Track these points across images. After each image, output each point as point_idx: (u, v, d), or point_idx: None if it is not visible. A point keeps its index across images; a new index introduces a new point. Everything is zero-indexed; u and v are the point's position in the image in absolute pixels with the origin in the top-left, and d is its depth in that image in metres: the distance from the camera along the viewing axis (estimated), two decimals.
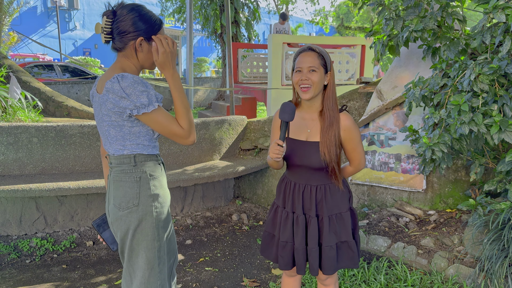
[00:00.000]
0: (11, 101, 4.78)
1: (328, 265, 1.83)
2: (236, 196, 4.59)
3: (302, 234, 1.83)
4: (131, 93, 1.46)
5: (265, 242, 1.99)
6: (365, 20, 19.97)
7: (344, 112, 1.80)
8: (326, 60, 1.73)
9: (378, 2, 3.10)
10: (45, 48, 19.11)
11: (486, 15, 2.29)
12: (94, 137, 3.45)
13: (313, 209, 1.83)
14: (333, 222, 1.83)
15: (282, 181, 1.95)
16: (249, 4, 11.95)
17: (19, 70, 7.51)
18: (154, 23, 1.56)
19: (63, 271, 2.99)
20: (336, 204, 1.84)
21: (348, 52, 7.72)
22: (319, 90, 1.74)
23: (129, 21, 1.51)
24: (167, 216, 1.67)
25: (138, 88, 1.47)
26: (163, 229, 1.64)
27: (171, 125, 1.53)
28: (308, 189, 1.84)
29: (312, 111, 1.81)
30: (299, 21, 32.18)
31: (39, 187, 2.99)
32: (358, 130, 1.82)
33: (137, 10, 1.53)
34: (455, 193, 3.54)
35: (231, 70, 5.71)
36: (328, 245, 1.81)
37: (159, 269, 1.63)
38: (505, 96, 2.33)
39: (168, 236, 1.69)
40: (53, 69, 11.67)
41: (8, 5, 7.63)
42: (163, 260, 1.65)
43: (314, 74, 1.69)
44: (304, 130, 1.82)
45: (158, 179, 1.63)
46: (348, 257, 1.88)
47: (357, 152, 1.84)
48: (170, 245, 1.73)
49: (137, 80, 1.48)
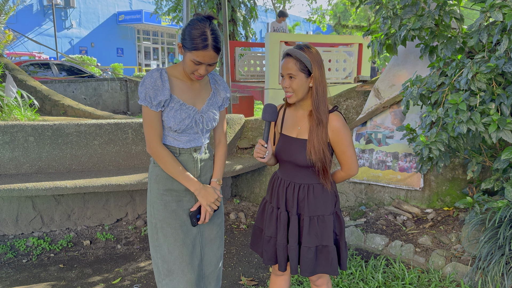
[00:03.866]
0: (7, 100, 4.75)
1: (305, 266, 1.83)
2: (233, 195, 4.58)
3: (283, 230, 1.86)
4: (141, 83, 1.70)
5: (254, 236, 2.05)
6: (362, 18, 19.99)
7: (335, 112, 1.78)
8: (306, 63, 1.70)
9: (375, 1, 3.10)
10: (41, 47, 19.01)
11: (483, 13, 2.29)
12: (91, 136, 3.43)
13: (294, 207, 1.85)
14: (314, 224, 1.82)
15: (273, 177, 1.99)
16: (246, 2, 11.93)
17: (15, 69, 7.46)
18: (189, 40, 1.66)
19: (60, 271, 2.98)
20: (319, 206, 1.83)
21: (345, 51, 7.72)
22: (302, 94, 1.75)
23: (185, 26, 1.71)
24: (163, 203, 1.80)
25: (147, 82, 1.69)
26: (157, 210, 1.81)
27: (145, 131, 1.75)
28: (292, 186, 1.86)
29: (303, 110, 1.84)
30: (296, 20, 32.18)
31: (35, 186, 2.97)
32: (349, 132, 1.80)
33: (190, 22, 1.70)
34: (452, 191, 3.55)
35: (228, 69, 5.70)
36: (307, 246, 1.81)
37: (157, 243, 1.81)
38: (503, 95, 2.34)
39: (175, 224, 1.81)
40: (49, 68, 11.60)
41: (4, 3, 7.57)
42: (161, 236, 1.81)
43: (294, 81, 1.72)
44: (294, 127, 1.84)
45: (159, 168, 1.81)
46: (328, 263, 1.85)
47: (347, 156, 1.80)
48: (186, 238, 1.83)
49: (154, 75, 1.70)
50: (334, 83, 7.46)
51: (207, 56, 1.65)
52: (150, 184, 1.84)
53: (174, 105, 1.73)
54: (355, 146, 3.87)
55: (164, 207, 1.79)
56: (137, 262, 3.14)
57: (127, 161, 3.62)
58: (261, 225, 2.01)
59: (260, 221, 2.02)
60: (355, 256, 3.05)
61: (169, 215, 1.79)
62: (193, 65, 1.67)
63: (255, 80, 9.32)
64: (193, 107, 1.78)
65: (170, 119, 1.73)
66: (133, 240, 3.50)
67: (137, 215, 3.80)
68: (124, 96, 11.65)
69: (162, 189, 1.80)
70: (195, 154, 1.83)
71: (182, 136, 1.79)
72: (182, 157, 1.80)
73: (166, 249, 1.79)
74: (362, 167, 3.83)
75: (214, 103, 1.88)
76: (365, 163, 3.82)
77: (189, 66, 1.68)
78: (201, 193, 1.80)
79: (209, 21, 1.67)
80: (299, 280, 2.76)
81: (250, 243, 2.07)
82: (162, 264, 1.80)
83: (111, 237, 3.49)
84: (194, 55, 1.64)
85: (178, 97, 1.75)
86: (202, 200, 1.80)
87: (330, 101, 4.14)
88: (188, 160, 1.81)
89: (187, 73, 1.73)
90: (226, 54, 5.58)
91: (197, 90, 1.83)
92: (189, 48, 1.64)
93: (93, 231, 3.55)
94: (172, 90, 1.73)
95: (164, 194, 1.80)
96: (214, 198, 1.82)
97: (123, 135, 3.55)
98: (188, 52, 1.65)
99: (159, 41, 28.56)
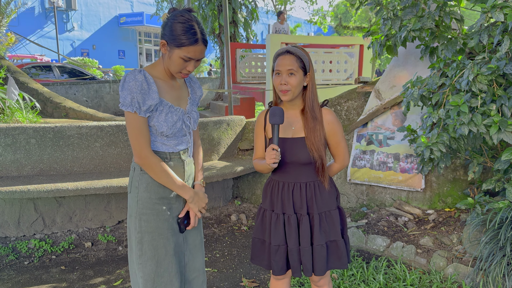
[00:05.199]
0: (9, 102, 4.78)
1: (319, 265, 1.82)
2: (235, 196, 4.58)
3: (295, 234, 1.83)
4: (123, 87, 1.57)
5: (256, 248, 1.96)
6: (363, 19, 19.98)
7: (325, 107, 1.85)
8: (304, 62, 1.74)
9: (376, 2, 3.10)
10: (43, 49, 19.07)
11: (484, 14, 2.29)
12: (92, 138, 3.44)
13: (304, 207, 1.83)
14: (323, 220, 1.84)
15: (268, 184, 1.94)
16: (247, 4, 11.94)
17: (17, 71, 7.48)
18: (177, 36, 1.56)
19: (62, 272, 2.98)
20: (325, 202, 1.85)
21: (346, 52, 7.72)
22: (298, 92, 1.77)
23: (164, 22, 1.60)
24: (155, 213, 1.68)
25: (130, 85, 1.56)
26: (146, 222, 1.67)
27: (134, 140, 1.61)
28: (298, 187, 1.84)
29: (294, 109, 1.85)
30: (298, 21, 32.19)
31: (37, 188, 2.98)
32: (341, 124, 1.87)
33: (172, 17, 1.59)
34: (453, 192, 3.54)
35: (229, 70, 5.71)
36: (319, 244, 1.81)
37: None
38: (504, 96, 2.34)
39: (159, 231, 1.69)
40: (51, 70, 11.64)
41: (5, 6, 7.60)
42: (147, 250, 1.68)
43: (293, 77, 1.72)
44: (288, 128, 1.84)
45: (146, 175, 1.68)
46: (337, 257, 1.87)
47: (341, 147, 1.88)
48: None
49: (138, 77, 1.56)
50: (335, 84, 7.46)
51: (197, 50, 1.58)
52: (138, 194, 1.67)
53: (163, 108, 1.63)
54: (356, 147, 3.87)
55: (157, 217, 1.67)
56: None
57: (128, 162, 3.63)
58: (263, 236, 1.94)
59: (260, 232, 1.95)
60: (356, 257, 3.05)
61: (162, 225, 1.67)
62: (183, 62, 1.58)
63: (256, 81, 9.33)
64: (180, 108, 1.70)
65: (162, 124, 1.63)
66: None
67: None
68: None
69: (155, 198, 1.67)
70: (183, 157, 1.76)
71: (171, 140, 1.70)
72: (172, 162, 1.71)
73: (153, 264, 1.66)
74: (363, 168, 3.83)
75: (194, 102, 1.83)
76: (366, 164, 3.82)
77: (177, 64, 1.58)
78: (194, 199, 1.74)
79: (191, 14, 1.59)
80: (300, 282, 2.76)
81: (251, 257, 1.99)
82: (145, 284, 1.67)
83: (112, 239, 3.50)
84: (184, 52, 1.55)
85: (166, 99, 1.65)
86: (194, 206, 1.74)
87: (331, 102, 4.15)
88: (177, 164, 1.73)
89: (173, 72, 1.63)
90: (227, 56, 5.58)
91: (179, 90, 1.75)
92: (177, 45, 1.55)
93: (94, 233, 3.55)
94: (159, 92, 1.63)
95: (156, 203, 1.68)
96: (205, 203, 1.78)
97: (124, 137, 3.56)
98: (176, 49, 1.56)
99: None
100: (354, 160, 3.88)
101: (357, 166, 3.86)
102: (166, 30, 1.57)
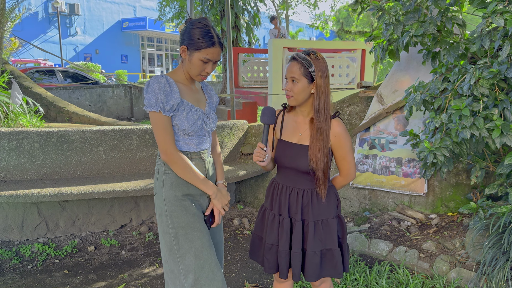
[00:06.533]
0: (13, 107, 4.80)
1: (311, 271, 1.83)
2: (237, 201, 4.59)
3: (286, 237, 1.85)
4: (148, 90, 1.70)
5: (254, 244, 2.02)
6: (365, 24, 20.02)
7: (336, 118, 1.82)
8: (310, 69, 1.71)
9: (378, 7, 3.12)
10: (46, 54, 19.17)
11: (485, 19, 2.30)
12: (96, 142, 3.46)
13: (298, 212, 1.84)
14: (319, 228, 1.83)
15: (271, 184, 1.97)
16: (250, 9, 12.00)
17: (21, 76, 7.53)
18: (195, 40, 1.70)
19: (65, 277, 2.99)
20: (323, 210, 1.84)
21: (348, 56, 7.75)
22: (302, 99, 1.76)
23: (183, 30, 1.76)
24: (183, 209, 1.77)
25: (154, 88, 1.68)
26: (177, 218, 1.76)
27: (160, 138, 1.71)
28: (295, 192, 1.85)
29: (304, 116, 1.85)
30: (299, 26, 32.28)
31: (40, 193, 3.00)
32: (349, 139, 1.82)
33: (190, 24, 1.74)
34: (456, 196, 3.54)
35: (231, 75, 5.73)
36: (312, 251, 1.81)
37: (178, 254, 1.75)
38: (506, 100, 2.34)
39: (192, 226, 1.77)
40: (54, 75, 11.70)
41: (10, 12, 7.66)
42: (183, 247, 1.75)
43: (296, 85, 1.73)
44: (295, 133, 1.85)
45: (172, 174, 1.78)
46: (332, 265, 1.86)
47: (346, 161, 1.84)
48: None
49: (161, 80, 1.69)
50: (337, 88, 7.48)
51: (215, 52, 1.72)
52: (164, 192, 1.78)
53: (184, 108, 1.76)
54: (359, 152, 3.88)
55: (186, 212, 1.77)
56: (142, 268, 3.14)
57: (132, 167, 3.65)
58: (261, 233, 1.98)
59: (259, 229, 1.99)
60: (359, 262, 3.05)
61: (192, 219, 1.77)
62: (202, 64, 1.72)
63: (258, 86, 9.36)
64: (200, 109, 1.82)
65: (184, 122, 1.75)
66: (137, 246, 3.51)
67: (142, 221, 3.81)
68: (128, 103, 11.72)
69: (180, 194, 1.78)
70: (204, 157, 1.86)
71: (193, 139, 1.81)
72: (194, 161, 1.81)
73: (192, 256, 1.73)
74: (366, 173, 3.83)
75: (211, 106, 1.96)
76: (368, 168, 3.82)
77: (197, 66, 1.72)
78: (217, 196, 1.83)
79: (207, 20, 1.75)
80: (303, 286, 2.76)
81: (249, 252, 2.04)
82: (186, 275, 1.72)
83: (115, 243, 3.50)
84: (203, 54, 1.70)
85: (186, 100, 1.79)
86: (218, 203, 1.83)
87: (333, 106, 4.15)
88: (198, 163, 1.83)
89: (193, 75, 1.77)
90: (230, 60, 5.61)
91: (198, 94, 1.88)
92: (196, 48, 1.69)
93: (97, 237, 3.56)
94: (180, 94, 1.77)
95: (182, 200, 1.78)
96: (227, 200, 1.86)
97: (127, 141, 3.58)
98: (195, 52, 1.70)
99: (163, 47, 28.75)
100: (356, 165, 3.88)
101: (359, 171, 3.86)
102: (185, 36, 1.73)
